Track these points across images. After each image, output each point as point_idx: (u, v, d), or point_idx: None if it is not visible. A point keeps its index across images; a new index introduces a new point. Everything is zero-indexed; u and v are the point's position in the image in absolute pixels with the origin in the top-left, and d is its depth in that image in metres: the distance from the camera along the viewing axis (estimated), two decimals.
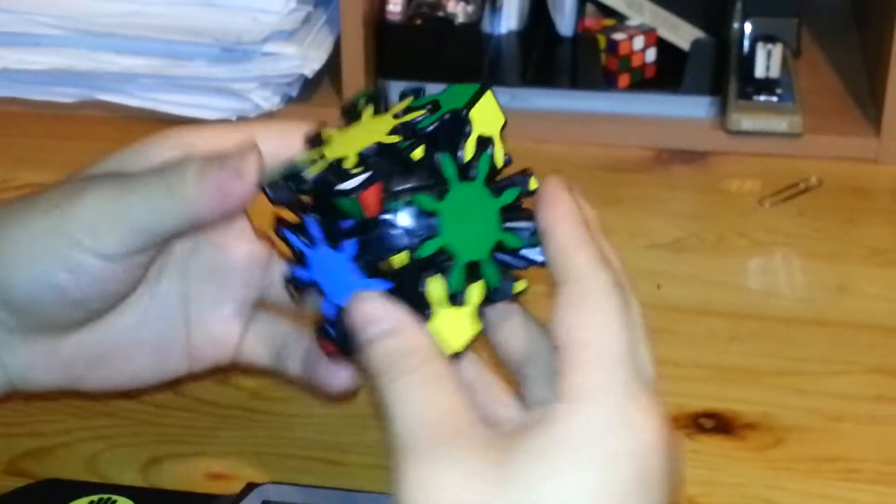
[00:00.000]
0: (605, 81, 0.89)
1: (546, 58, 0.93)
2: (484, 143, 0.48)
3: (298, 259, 0.49)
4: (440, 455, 0.43)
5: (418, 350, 0.45)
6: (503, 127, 0.50)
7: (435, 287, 0.46)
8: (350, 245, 0.47)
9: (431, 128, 0.47)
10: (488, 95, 0.49)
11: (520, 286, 0.49)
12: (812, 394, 0.65)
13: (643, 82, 0.90)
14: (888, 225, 0.79)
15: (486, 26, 0.92)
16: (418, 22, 0.90)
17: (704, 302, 0.72)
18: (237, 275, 0.55)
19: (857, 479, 0.60)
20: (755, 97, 0.87)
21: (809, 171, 0.83)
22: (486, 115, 0.49)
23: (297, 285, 0.50)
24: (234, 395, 0.64)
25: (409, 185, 0.46)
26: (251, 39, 0.86)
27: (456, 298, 0.47)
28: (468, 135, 0.48)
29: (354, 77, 0.88)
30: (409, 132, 0.47)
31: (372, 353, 0.46)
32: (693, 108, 0.88)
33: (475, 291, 0.48)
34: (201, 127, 0.54)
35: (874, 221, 0.80)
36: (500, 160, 0.49)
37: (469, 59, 0.90)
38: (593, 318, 0.45)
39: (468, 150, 0.47)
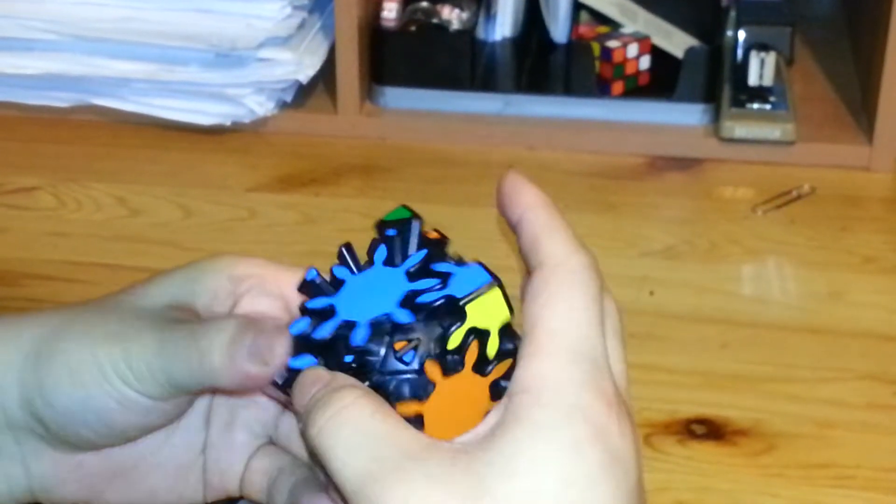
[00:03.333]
0: (598, 89, 0.89)
1: (540, 65, 0.93)
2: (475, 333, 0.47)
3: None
4: (410, 473, 0.42)
5: (345, 387, 0.45)
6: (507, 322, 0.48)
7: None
8: None
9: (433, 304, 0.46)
10: (495, 292, 0.47)
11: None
12: (804, 400, 0.66)
13: (637, 90, 0.90)
14: (880, 233, 0.79)
15: (481, 33, 0.92)
16: (413, 28, 0.90)
17: (697, 309, 0.73)
18: (255, 405, 0.55)
19: (849, 485, 0.60)
20: (748, 105, 0.87)
21: (802, 178, 0.84)
22: (489, 309, 0.47)
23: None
24: None
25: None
26: (246, 45, 0.86)
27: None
28: (458, 326, 0.46)
29: (349, 83, 0.88)
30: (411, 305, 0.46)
31: (301, 403, 0.45)
32: (686, 115, 0.88)
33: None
34: (255, 261, 0.53)
35: (866, 229, 0.80)
36: (491, 352, 0.47)
37: (463, 65, 0.90)
38: (561, 301, 0.45)
39: (454, 339, 0.46)
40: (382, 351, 0.46)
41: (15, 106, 0.90)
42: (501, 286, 0.46)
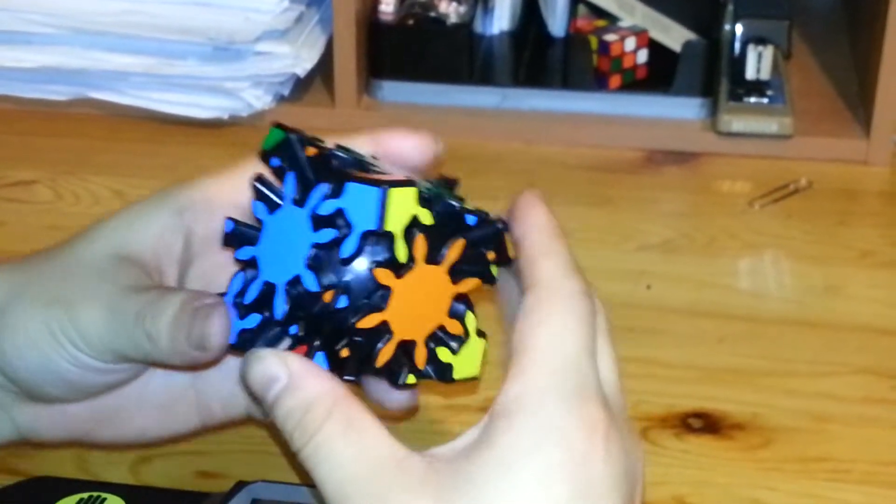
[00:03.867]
0: (596, 82, 0.89)
1: (538, 58, 0.93)
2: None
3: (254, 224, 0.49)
4: (381, 493, 0.42)
5: (317, 400, 0.44)
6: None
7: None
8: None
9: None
10: (395, 196, 0.47)
11: (410, 379, 0.49)
12: (801, 394, 0.66)
13: (634, 83, 0.90)
14: (877, 227, 0.79)
15: (478, 26, 0.92)
16: (410, 22, 0.90)
17: (694, 302, 0.73)
18: None
19: (846, 479, 0.61)
20: (746, 99, 0.87)
21: (799, 172, 0.84)
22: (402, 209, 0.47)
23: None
24: None
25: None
26: (243, 38, 0.86)
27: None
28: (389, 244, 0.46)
29: (347, 76, 0.88)
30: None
31: (278, 417, 0.45)
32: (684, 109, 0.88)
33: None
34: (197, 183, 0.53)
35: (864, 223, 0.80)
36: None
37: (461, 59, 0.90)
38: (547, 323, 0.44)
39: (400, 252, 0.46)
40: (317, 308, 0.46)
41: (12, 99, 0.90)
42: (392, 185, 0.46)
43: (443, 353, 0.49)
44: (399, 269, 0.46)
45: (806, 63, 0.95)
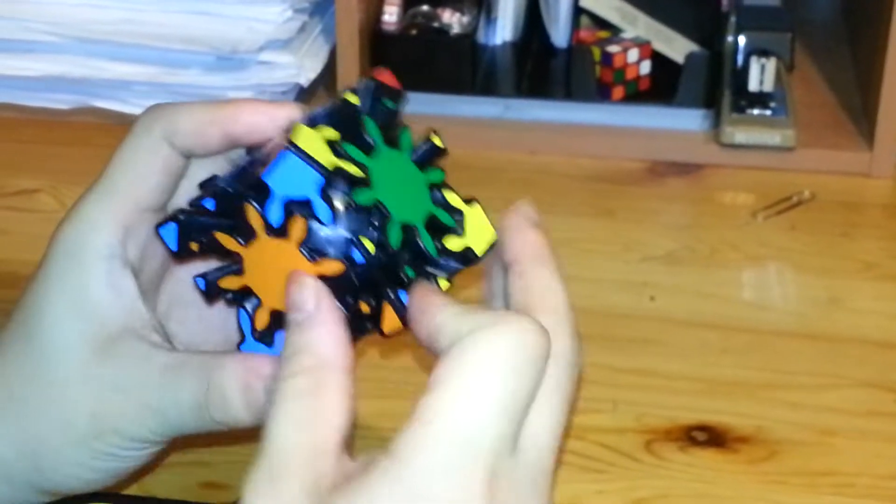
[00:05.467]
0: (599, 93, 0.89)
1: (540, 69, 0.93)
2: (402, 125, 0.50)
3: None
4: (274, 486, 0.42)
5: (306, 350, 0.44)
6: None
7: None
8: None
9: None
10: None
11: (444, 284, 0.49)
12: (804, 407, 0.66)
13: (637, 95, 0.90)
14: (880, 239, 0.79)
15: (481, 37, 0.92)
16: (413, 32, 0.90)
17: (697, 314, 0.73)
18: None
19: (850, 493, 0.61)
20: (749, 111, 0.87)
21: (802, 184, 0.84)
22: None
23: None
24: None
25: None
26: (247, 48, 0.86)
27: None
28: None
29: (349, 86, 0.88)
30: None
31: (286, 340, 0.46)
32: (687, 120, 0.88)
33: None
34: (178, 112, 0.53)
35: (866, 235, 0.80)
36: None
37: (463, 69, 0.90)
38: (471, 366, 0.42)
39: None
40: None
41: (15, 108, 0.90)
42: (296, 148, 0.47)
43: (452, 242, 0.49)
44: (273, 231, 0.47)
45: (809, 75, 0.95)
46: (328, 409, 0.44)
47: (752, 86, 0.87)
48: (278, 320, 0.48)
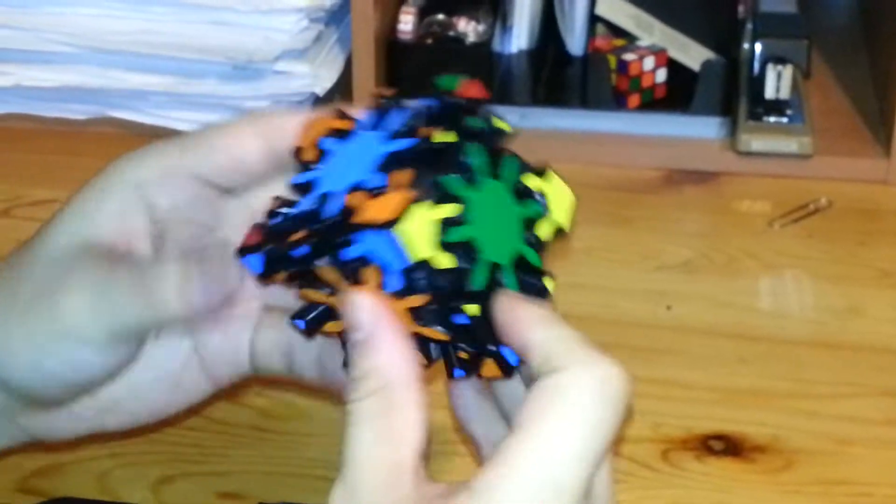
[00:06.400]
0: (615, 101, 0.89)
1: (556, 77, 0.93)
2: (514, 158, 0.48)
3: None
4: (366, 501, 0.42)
5: (377, 371, 0.44)
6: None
7: None
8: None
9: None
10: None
11: (550, 284, 0.48)
12: (822, 416, 0.65)
13: (653, 103, 0.90)
14: None
15: (497, 45, 0.92)
16: (429, 41, 0.90)
17: (714, 323, 0.72)
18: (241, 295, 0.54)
19: (867, 503, 0.60)
20: (765, 118, 0.87)
21: (819, 192, 0.84)
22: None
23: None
24: (245, 414, 0.65)
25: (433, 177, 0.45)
26: (262, 58, 0.87)
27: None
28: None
29: (365, 95, 0.88)
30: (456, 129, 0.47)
31: (350, 364, 0.45)
32: (703, 128, 0.88)
33: None
34: (148, 154, 0.52)
35: (884, 243, 0.80)
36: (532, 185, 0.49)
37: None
38: (554, 420, 0.42)
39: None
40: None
41: (32, 118, 0.91)
42: None
43: (542, 229, 0.49)
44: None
45: (825, 82, 0.95)
46: (401, 428, 0.44)
47: (769, 93, 0.87)
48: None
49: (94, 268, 0.50)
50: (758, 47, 0.87)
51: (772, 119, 0.87)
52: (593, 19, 0.93)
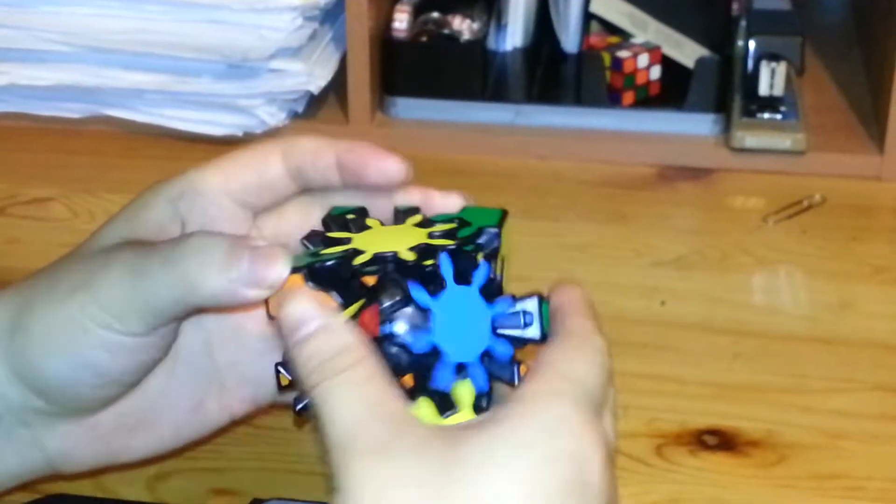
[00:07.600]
0: (609, 99, 0.89)
1: (551, 75, 0.93)
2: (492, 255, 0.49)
3: None
4: (384, 453, 0.43)
5: (348, 349, 0.45)
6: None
7: (463, 391, 0.48)
8: None
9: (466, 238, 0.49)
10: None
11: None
12: (815, 411, 0.66)
13: (647, 100, 0.90)
14: (892, 243, 0.79)
15: (492, 43, 0.92)
16: (424, 39, 0.90)
17: (708, 319, 0.73)
18: (252, 314, 0.55)
19: (861, 497, 0.61)
20: (759, 115, 0.87)
21: (813, 188, 0.84)
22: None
23: None
24: None
25: (398, 299, 0.47)
26: (257, 56, 0.87)
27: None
28: (497, 250, 0.49)
29: (360, 93, 0.89)
30: (447, 237, 0.49)
31: (301, 356, 0.46)
32: (697, 125, 0.88)
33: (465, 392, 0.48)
34: (185, 176, 0.54)
35: (878, 239, 0.80)
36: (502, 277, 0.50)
37: (474, 75, 0.90)
38: (575, 357, 0.47)
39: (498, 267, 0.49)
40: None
41: (28, 117, 0.91)
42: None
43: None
44: None
45: (819, 79, 0.95)
46: (388, 387, 0.45)
47: (763, 90, 0.87)
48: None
49: (132, 250, 0.51)
50: (752, 44, 0.88)
51: (766, 116, 0.87)
52: (587, 17, 0.93)
